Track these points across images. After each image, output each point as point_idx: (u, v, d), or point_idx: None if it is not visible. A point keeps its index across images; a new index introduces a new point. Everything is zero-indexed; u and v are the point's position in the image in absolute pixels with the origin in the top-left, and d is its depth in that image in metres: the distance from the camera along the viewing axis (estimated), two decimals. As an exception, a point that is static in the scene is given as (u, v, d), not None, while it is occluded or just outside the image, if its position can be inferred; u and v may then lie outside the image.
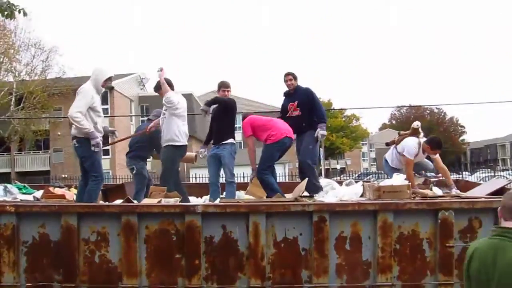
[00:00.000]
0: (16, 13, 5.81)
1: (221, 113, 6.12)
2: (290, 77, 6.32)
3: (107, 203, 4.54)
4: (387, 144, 7.13)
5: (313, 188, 5.77)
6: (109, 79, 5.24)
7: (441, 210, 4.14)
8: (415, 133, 6.54)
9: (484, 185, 5.69)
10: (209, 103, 6.09)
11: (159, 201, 4.90)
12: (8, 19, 6.01)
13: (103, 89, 5.29)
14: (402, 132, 6.94)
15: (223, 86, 6.26)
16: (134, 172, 6.63)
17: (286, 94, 6.46)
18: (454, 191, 5.80)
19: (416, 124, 6.64)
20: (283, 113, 6.41)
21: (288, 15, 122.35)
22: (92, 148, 4.96)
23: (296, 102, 6.25)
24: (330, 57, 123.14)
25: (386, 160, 6.96)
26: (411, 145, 6.25)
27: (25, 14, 5.85)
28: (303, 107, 6.18)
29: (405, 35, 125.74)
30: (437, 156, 6.39)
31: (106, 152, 31.50)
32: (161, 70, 5.79)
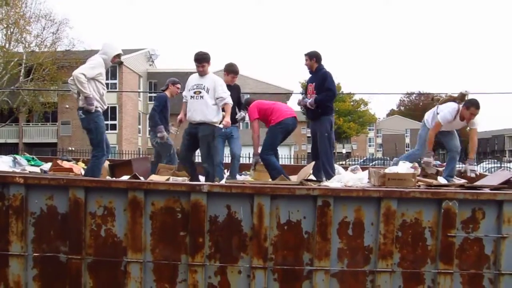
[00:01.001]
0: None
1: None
2: (306, 57, 6.28)
3: (114, 178, 4.58)
4: (432, 99, 6.92)
5: (327, 176, 5.81)
6: (118, 55, 5.24)
7: (445, 200, 4.16)
8: (462, 99, 6.25)
9: (489, 176, 5.68)
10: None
11: (167, 179, 4.96)
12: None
13: (111, 64, 5.30)
14: (450, 94, 6.66)
15: (233, 72, 6.32)
16: (158, 142, 6.69)
17: (310, 73, 6.40)
18: (469, 169, 5.99)
19: (465, 91, 6.31)
20: (305, 92, 6.41)
21: (317, 8, 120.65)
22: (91, 107, 5.02)
23: (314, 84, 6.19)
24: (340, 40, 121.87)
25: (425, 122, 6.68)
26: (448, 111, 6.06)
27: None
28: (319, 91, 6.10)
29: (417, 21, 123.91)
30: (476, 127, 6.21)
31: (113, 127, 31.71)
32: None
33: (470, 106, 5.97)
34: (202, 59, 5.77)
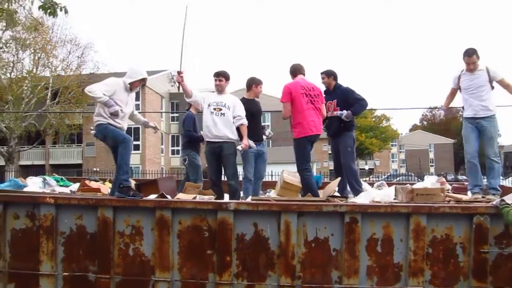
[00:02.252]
0: (58, 10, 6.00)
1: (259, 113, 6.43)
2: (323, 75, 6.25)
3: (142, 197, 4.62)
4: None
5: (354, 191, 5.74)
6: (143, 80, 5.20)
7: (477, 215, 4.07)
8: None
9: (520, 190, 5.53)
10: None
11: (194, 197, 4.98)
12: (50, 16, 6.18)
13: (136, 88, 5.21)
14: None
15: (255, 83, 6.35)
16: (186, 162, 6.78)
17: (325, 92, 6.29)
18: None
19: None
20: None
21: (317, 8, 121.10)
22: (111, 110, 4.83)
23: (335, 101, 6.12)
24: (362, 55, 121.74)
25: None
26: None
27: (66, 12, 6.01)
28: (343, 107, 6.04)
29: (438, 36, 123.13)
30: (500, 78, 5.46)
31: (136, 147, 32.15)
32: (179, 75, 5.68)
33: (463, 57, 5.54)
34: (220, 73, 5.89)
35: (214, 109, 5.75)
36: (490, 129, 5.45)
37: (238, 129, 5.81)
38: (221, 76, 5.88)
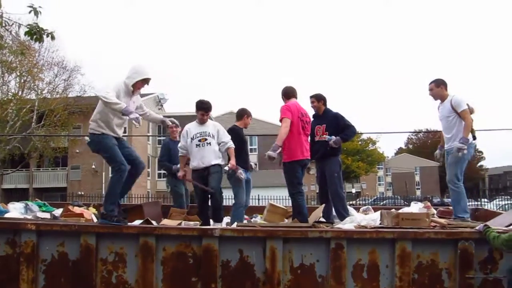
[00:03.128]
0: (44, 36, 6.00)
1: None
2: (313, 99, 6.23)
3: (126, 223, 4.56)
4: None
5: (340, 217, 5.70)
6: (145, 80, 4.73)
7: (461, 240, 4.08)
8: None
9: (504, 214, 5.58)
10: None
11: (179, 224, 4.93)
12: (37, 42, 6.18)
13: (135, 94, 4.82)
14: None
15: (247, 114, 6.43)
16: (169, 190, 6.88)
17: (314, 116, 6.32)
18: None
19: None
20: (311, 135, 6.22)
21: (300, 31, 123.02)
22: (132, 116, 4.45)
23: (324, 126, 6.11)
24: (345, 79, 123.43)
25: None
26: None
27: (53, 38, 6.01)
28: (332, 132, 6.02)
29: (422, 59, 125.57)
30: (462, 108, 5.49)
31: (122, 171, 31.77)
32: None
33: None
34: (209, 108, 5.95)
35: (199, 140, 5.86)
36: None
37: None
38: (210, 111, 6.02)
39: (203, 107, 5.92)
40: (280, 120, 5.67)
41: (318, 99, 6.24)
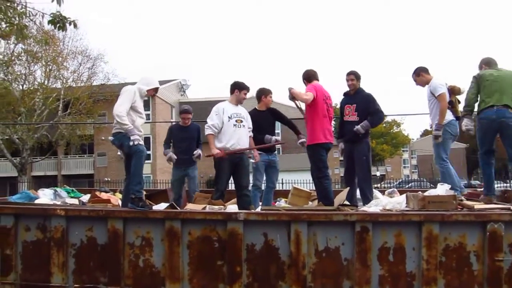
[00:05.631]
0: (67, 25, 6.06)
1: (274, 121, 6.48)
2: (352, 76, 5.97)
3: (151, 208, 4.63)
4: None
5: (365, 200, 5.62)
6: (155, 89, 5.24)
7: (490, 222, 4.00)
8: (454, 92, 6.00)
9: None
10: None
11: (204, 208, 4.97)
12: (60, 30, 6.25)
13: (146, 97, 5.29)
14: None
15: (264, 93, 6.34)
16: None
17: (345, 94, 6.14)
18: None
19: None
20: (341, 114, 6.14)
21: (317, 8, 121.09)
22: (131, 143, 4.87)
23: (354, 106, 5.93)
24: (370, 61, 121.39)
25: None
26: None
27: (75, 26, 6.08)
28: (362, 113, 5.85)
29: (450, 42, 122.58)
30: (439, 92, 5.66)
31: (147, 157, 32.24)
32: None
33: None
34: (248, 89, 5.90)
35: (236, 121, 5.71)
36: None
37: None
38: (248, 91, 5.93)
39: (247, 87, 5.85)
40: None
41: (357, 77, 6.00)
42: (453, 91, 5.90)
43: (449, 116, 5.77)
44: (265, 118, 6.32)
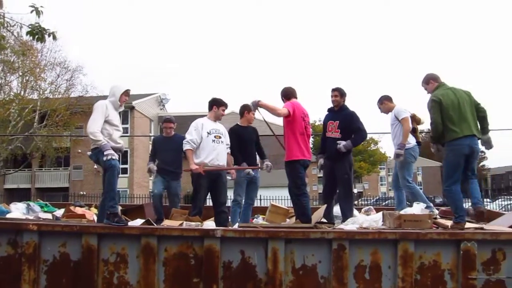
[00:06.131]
0: (46, 36, 6.01)
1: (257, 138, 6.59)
2: (336, 92, 5.99)
3: (126, 223, 4.56)
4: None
5: (343, 218, 5.64)
6: (126, 92, 5.13)
7: (464, 241, 4.07)
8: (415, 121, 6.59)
9: (507, 215, 5.57)
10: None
11: (181, 224, 4.92)
12: (38, 42, 6.19)
13: (122, 107, 5.21)
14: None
15: (247, 109, 6.37)
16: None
17: (329, 110, 6.16)
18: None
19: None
20: (324, 129, 6.15)
21: (300, 29, 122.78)
22: (104, 158, 4.81)
23: (337, 122, 5.93)
24: (348, 79, 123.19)
25: None
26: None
27: (54, 38, 6.03)
28: (345, 131, 5.86)
29: (425, 60, 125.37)
30: (403, 116, 6.23)
31: (124, 171, 31.86)
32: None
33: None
34: (226, 105, 5.95)
35: (215, 137, 5.74)
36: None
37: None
38: (226, 107, 5.99)
39: (225, 103, 5.92)
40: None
41: (342, 94, 6.02)
42: (414, 119, 6.46)
43: (412, 140, 6.26)
44: (247, 134, 6.36)
